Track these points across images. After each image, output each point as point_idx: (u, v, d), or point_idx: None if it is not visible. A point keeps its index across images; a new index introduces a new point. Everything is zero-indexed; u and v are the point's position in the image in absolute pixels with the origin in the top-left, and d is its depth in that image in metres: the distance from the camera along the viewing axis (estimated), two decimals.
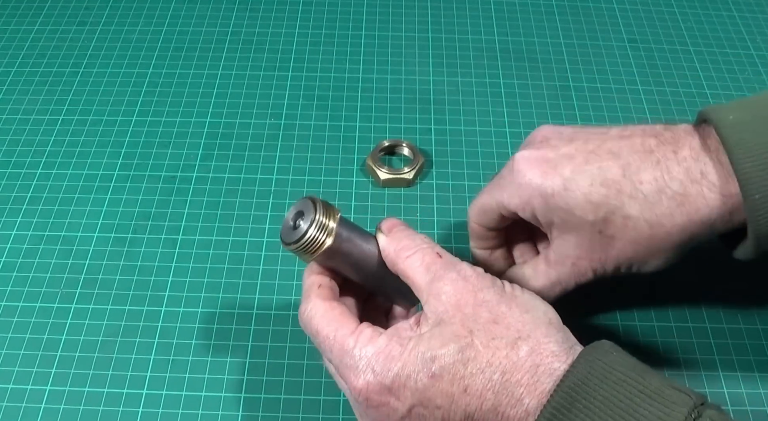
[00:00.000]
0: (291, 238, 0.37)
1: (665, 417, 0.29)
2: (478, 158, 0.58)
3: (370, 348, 0.35)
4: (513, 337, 0.33)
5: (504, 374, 0.33)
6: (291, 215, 0.38)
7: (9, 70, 0.65)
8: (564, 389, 0.31)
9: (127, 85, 0.63)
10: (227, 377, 0.45)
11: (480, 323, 0.34)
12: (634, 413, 0.30)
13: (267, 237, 0.52)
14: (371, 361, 0.34)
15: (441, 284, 0.35)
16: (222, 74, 0.65)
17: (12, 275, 0.50)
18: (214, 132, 0.60)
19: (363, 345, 0.35)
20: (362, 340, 0.35)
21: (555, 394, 0.31)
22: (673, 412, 0.29)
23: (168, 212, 0.54)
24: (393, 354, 0.34)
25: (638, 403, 0.30)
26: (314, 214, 0.37)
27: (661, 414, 0.29)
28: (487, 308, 0.34)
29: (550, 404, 0.31)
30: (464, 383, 0.33)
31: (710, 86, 0.64)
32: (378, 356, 0.34)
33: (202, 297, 0.49)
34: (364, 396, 0.34)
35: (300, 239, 0.37)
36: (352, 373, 0.35)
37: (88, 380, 0.45)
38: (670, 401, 0.30)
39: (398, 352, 0.34)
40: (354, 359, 0.35)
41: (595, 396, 0.31)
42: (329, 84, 0.64)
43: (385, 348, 0.34)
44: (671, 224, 0.38)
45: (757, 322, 0.48)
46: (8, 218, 0.53)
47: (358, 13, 0.71)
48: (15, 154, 0.58)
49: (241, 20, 0.70)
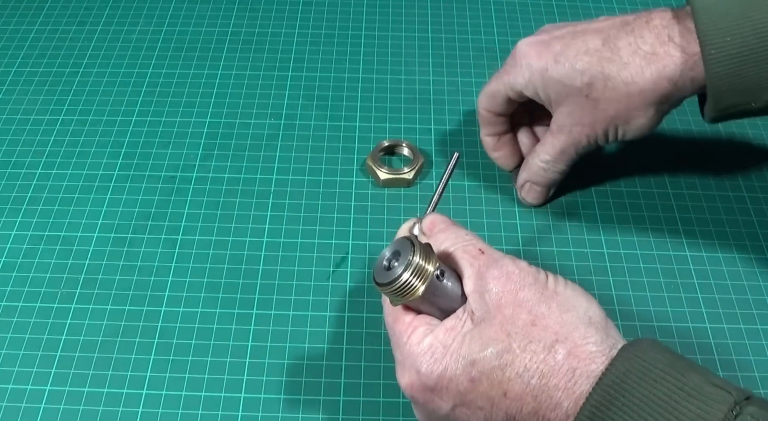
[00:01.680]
0: (384, 279, 0.36)
1: (705, 415, 0.29)
2: (478, 158, 0.58)
3: (417, 348, 0.36)
4: (551, 340, 0.34)
5: (542, 379, 0.33)
6: (387, 254, 0.37)
7: (9, 70, 0.65)
8: (602, 387, 0.31)
9: (127, 85, 0.63)
10: (227, 377, 0.45)
11: (518, 325, 0.34)
12: (673, 411, 0.30)
13: (267, 237, 0.52)
14: (416, 361, 0.35)
15: (483, 282, 0.36)
16: (222, 74, 0.64)
17: (12, 275, 0.50)
18: (214, 132, 0.60)
19: (412, 344, 0.36)
20: (414, 338, 0.36)
21: (592, 394, 0.31)
22: (712, 410, 0.29)
23: (168, 212, 0.54)
24: (437, 356, 0.35)
25: (677, 400, 0.30)
26: (411, 256, 0.35)
27: (700, 412, 0.29)
28: (526, 309, 0.35)
29: (588, 403, 0.31)
30: (504, 388, 0.34)
31: None
32: (423, 357, 0.35)
33: (202, 297, 0.49)
34: (409, 393, 0.36)
35: (393, 282, 0.35)
36: (400, 369, 0.37)
37: (88, 380, 0.45)
38: (710, 398, 0.30)
39: (441, 354, 0.35)
40: (403, 355, 0.36)
41: (633, 394, 0.30)
42: (329, 84, 0.64)
43: (430, 349, 0.35)
44: (643, 80, 0.44)
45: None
46: (8, 218, 0.53)
47: (358, 13, 0.71)
48: (15, 154, 0.58)
49: (241, 20, 0.70)
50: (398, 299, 0.36)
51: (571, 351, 0.33)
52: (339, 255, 0.51)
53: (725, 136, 0.60)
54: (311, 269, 0.51)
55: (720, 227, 0.53)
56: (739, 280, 0.50)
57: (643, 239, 0.53)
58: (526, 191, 0.53)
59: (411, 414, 0.43)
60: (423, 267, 0.35)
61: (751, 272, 0.51)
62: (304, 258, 0.51)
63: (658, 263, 0.51)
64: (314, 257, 0.51)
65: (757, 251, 0.52)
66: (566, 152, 0.50)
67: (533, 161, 0.51)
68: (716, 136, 0.60)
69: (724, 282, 0.50)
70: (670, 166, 0.58)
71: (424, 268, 0.35)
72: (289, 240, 0.52)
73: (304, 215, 0.54)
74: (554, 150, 0.50)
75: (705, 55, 0.42)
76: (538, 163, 0.51)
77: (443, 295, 0.37)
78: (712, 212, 0.54)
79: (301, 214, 0.54)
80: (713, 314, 0.49)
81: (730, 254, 0.52)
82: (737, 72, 0.42)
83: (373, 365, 0.46)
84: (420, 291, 0.35)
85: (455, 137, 0.59)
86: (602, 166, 0.57)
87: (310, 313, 0.48)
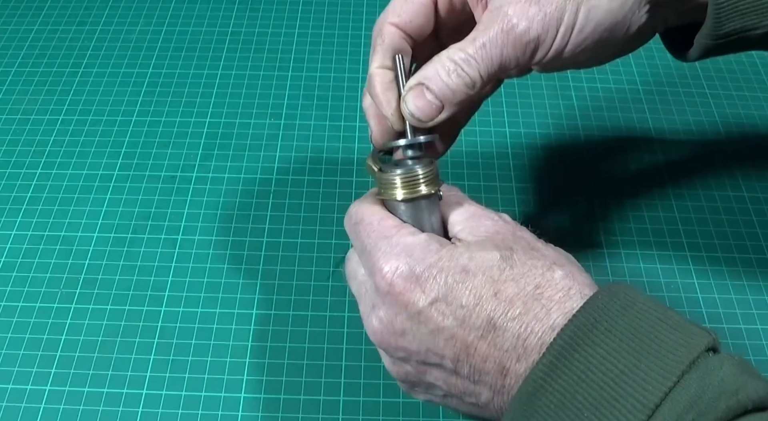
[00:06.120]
0: (397, 167, 0.36)
1: (686, 344, 0.29)
2: (478, 158, 0.58)
3: (411, 239, 0.34)
4: (549, 262, 0.33)
5: (537, 288, 0.32)
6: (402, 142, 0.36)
7: (9, 70, 0.65)
8: (588, 310, 0.31)
9: (127, 85, 0.63)
10: (227, 377, 0.45)
11: (520, 245, 0.34)
12: (655, 338, 0.29)
13: (267, 237, 0.52)
14: (409, 248, 0.34)
15: (481, 220, 0.36)
16: (222, 74, 0.64)
17: (12, 275, 0.50)
18: (214, 132, 0.60)
19: (404, 236, 0.34)
20: (404, 232, 0.35)
21: (578, 314, 0.31)
22: (693, 340, 0.29)
23: (168, 212, 0.54)
24: (432, 248, 0.34)
25: (659, 330, 0.30)
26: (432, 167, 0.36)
27: (682, 341, 0.29)
28: (525, 241, 0.35)
29: (573, 322, 0.30)
30: (497, 287, 0.32)
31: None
32: (416, 246, 0.34)
33: (202, 297, 0.49)
34: (389, 281, 0.33)
35: (410, 170, 0.35)
36: (384, 257, 0.34)
37: (88, 380, 0.45)
38: (691, 332, 0.29)
39: (437, 247, 0.34)
40: (391, 244, 0.34)
41: (617, 321, 0.30)
42: (329, 84, 0.64)
43: (426, 241, 0.34)
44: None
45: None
46: (8, 218, 0.53)
47: (358, 13, 0.71)
48: (15, 154, 0.58)
49: (241, 20, 0.70)
50: (396, 192, 0.36)
51: (569, 274, 0.33)
52: (339, 255, 0.51)
53: (725, 136, 0.60)
54: (311, 269, 0.51)
55: (720, 227, 0.53)
56: (739, 280, 0.50)
57: (643, 239, 0.53)
58: (415, 95, 0.36)
59: (411, 414, 0.43)
60: (436, 177, 0.36)
61: (751, 271, 0.51)
62: (304, 258, 0.51)
63: (658, 263, 0.51)
64: (314, 257, 0.51)
65: (757, 251, 0.52)
66: (491, 48, 0.34)
67: (438, 57, 0.36)
68: (716, 136, 0.60)
69: (724, 282, 0.50)
70: (669, 166, 0.58)
71: (437, 179, 0.36)
72: (289, 240, 0.52)
73: (304, 215, 0.54)
74: (476, 43, 0.34)
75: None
76: (445, 59, 0.35)
77: (432, 213, 0.36)
78: (712, 211, 0.54)
79: (301, 214, 0.54)
80: (713, 313, 0.49)
81: (730, 254, 0.52)
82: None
83: (373, 365, 0.46)
84: (423, 191, 0.35)
85: None
86: (599, 163, 0.57)
87: (310, 313, 0.48)
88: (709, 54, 0.37)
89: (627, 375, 0.28)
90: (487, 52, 0.35)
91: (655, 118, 0.61)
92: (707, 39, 0.36)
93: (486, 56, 0.35)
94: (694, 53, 0.38)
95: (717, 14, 0.35)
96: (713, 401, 0.27)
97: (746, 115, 0.62)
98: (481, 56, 0.35)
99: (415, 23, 0.37)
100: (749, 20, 0.35)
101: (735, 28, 0.35)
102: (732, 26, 0.35)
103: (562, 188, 0.55)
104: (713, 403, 0.27)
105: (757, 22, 0.35)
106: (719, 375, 0.28)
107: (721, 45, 0.36)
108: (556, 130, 0.60)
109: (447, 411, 0.44)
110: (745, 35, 0.36)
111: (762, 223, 0.54)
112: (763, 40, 0.36)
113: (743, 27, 0.35)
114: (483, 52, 0.35)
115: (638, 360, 0.29)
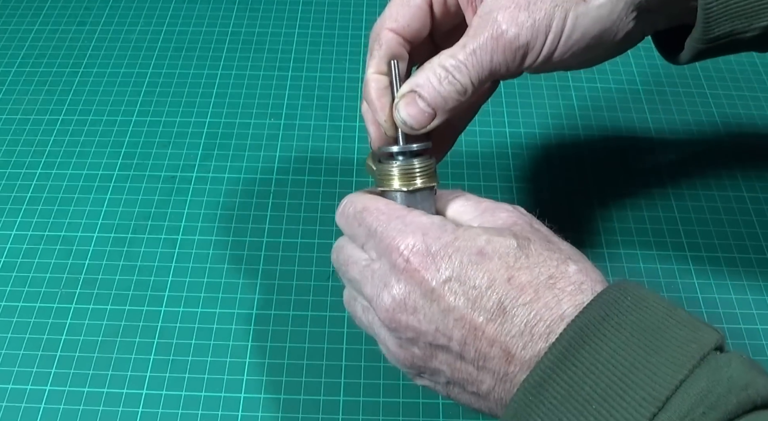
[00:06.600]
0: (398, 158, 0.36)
1: (696, 341, 0.29)
2: (478, 158, 0.58)
3: (425, 219, 0.34)
4: (565, 256, 0.33)
5: (550, 278, 0.32)
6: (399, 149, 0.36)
7: (9, 70, 0.65)
8: (598, 303, 0.31)
9: (127, 85, 0.63)
10: (227, 377, 0.45)
11: (537, 236, 0.34)
12: (665, 334, 0.29)
13: (267, 237, 0.52)
14: (424, 227, 0.33)
15: (496, 213, 0.35)
16: (222, 74, 0.64)
17: (12, 275, 0.50)
18: (214, 132, 0.60)
19: (417, 216, 0.34)
20: (416, 213, 0.34)
21: (589, 307, 0.31)
22: (703, 337, 0.29)
23: (168, 212, 0.54)
24: (447, 228, 0.33)
25: (669, 326, 0.30)
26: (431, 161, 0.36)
27: (692, 338, 0.29)
28: (542, 234, 0.35)
29: (583, 315, 0.30)
30: (510, 273, 0.32)
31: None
32: (431, 226, 0.33)
33: (202, 297, 0.49)
34: (404, 257, 0.33)
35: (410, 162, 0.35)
36: (400, 234, 0.33)
37: (88, 380, 0.45)
38: (700, 329, 0.30)
39: (452, 228, 0.33)
40: (405, 223, 0.33)
41: (628, 316, 0.30)
42: (329, 84, 0.64)
43: (440, 222, 0.34)
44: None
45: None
46: (8, 218, 0.53)
47: (358, 13, 0.71)
48: (15, 154, 0.58)
49: (241, 20, 0.70)
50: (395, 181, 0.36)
51: (582, 269, 0.33)
52: None
53: (725, 136, 0.60)
54: (311, 269, 0.51)
55: (720, 227, 0.53)
56: (739, 280, 0.50)
57: (643, 239, 0.53)
58: (406, 103, 0.36)
59: (411, 414, 0.43)
60: (434, 172, 0.36)
61: (751, 271, 0.51)
62: (304, 258, 0.51)
63: (658, 263, 0.51)
64: (314, 257, 0.51)
65: (757, 251, 0.52)
66: (482, 54, 0.34)
67: (430, 64, 0.36)
68: (716, 136, 0.60)
69: (724, 282, 0.50)
70: (669, 166, 0.58)
71: (434, 174, 0.36)
72: (289, 240, 0.52)
73: (304, 215, 0.54)
74: (466, 49, 0.34)
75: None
76: (436, 66, 0.35)
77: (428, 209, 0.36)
78: (712, 211, 0.54)
79: (301, 214, 0.54)
80: (713, 313, 0.49)
81: (730, 254, 0.52)
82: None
83: (373, 365, 0.46)
84: (419, 183, 0.35)
85: None
86: (599, 163, 0.57)
87: (310, 313, 0.48)
88: (700, 57, 0.37)
89: (637, 368, 0.29)
90: (478, 59, 0.35)
91: (655, 118, 0.61)
92: (698, 43, 0.36)
93: (476, 62, 0.35)
94: (685, 56, 0.38)
95: (707, 18, 0.35)
96: (723, 395, 0.27)
97: (746, 115, 0.62)
98: (472, 63, 0.35)
99: (412, 27, 0.37)
100: (739, 23, 0.35)
101: (725, 32, 0.35)
102: (722, 30, 0.35)
103: (562, 188, 0.55)
104: (723, 397, 0.27)
105: (747, 25, 0.35)
106: (729, 371, 0.28)
107: (712, 48, 0.37)
108: (556, 130, 0.60)
109: (447, 411, 0.44)
110: (736, 38, 0.36)
111: (762, 223, 0.54)
112: (754, 42, 0.37)
113: (733, 30, 0.35)
114: (473, 59, 0.35)
115: (648, 355, 0.29)
